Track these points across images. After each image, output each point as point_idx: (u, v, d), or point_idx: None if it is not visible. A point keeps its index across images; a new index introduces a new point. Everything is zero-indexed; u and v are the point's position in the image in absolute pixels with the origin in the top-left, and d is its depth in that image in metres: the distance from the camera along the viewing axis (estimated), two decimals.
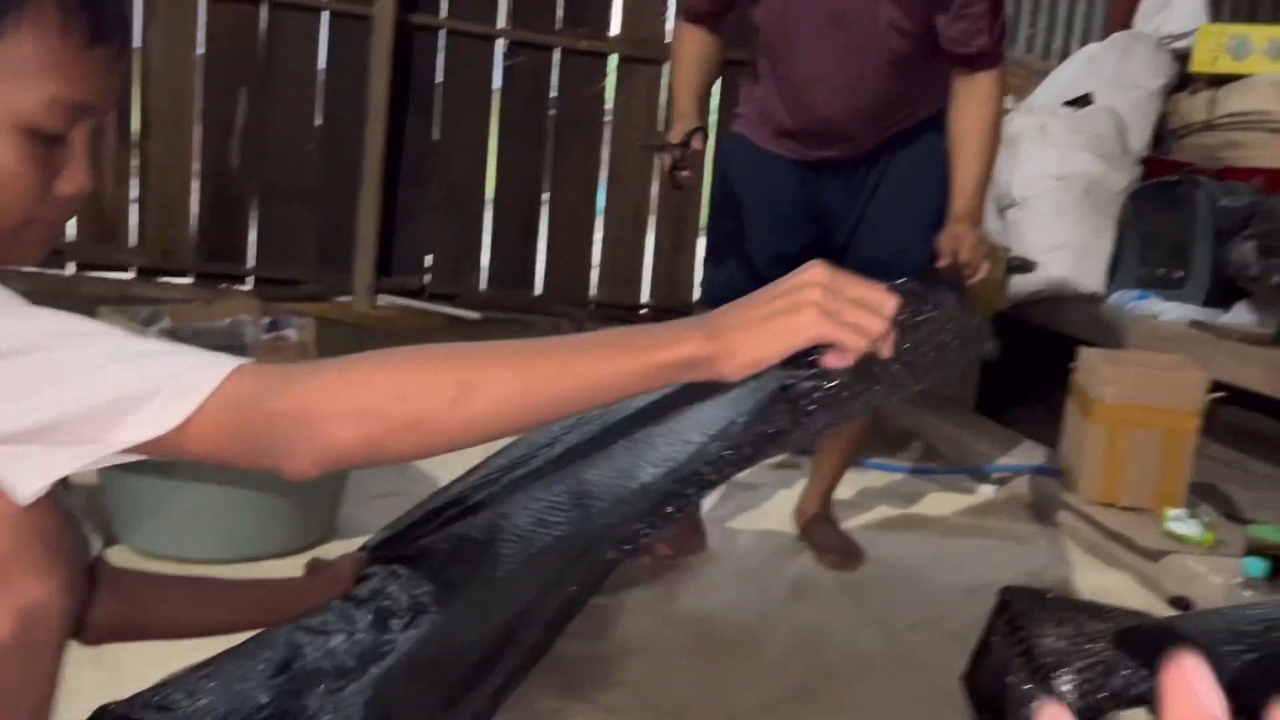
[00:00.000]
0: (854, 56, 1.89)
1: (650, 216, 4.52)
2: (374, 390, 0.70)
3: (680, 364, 0.73)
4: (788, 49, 1.94)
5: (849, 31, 1.87)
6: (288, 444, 0.69)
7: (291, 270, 4.21)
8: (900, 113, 1.99)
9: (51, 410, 0.67)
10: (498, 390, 0.71)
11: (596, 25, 4.35)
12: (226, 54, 4.08)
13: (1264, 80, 3.59)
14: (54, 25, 0.73)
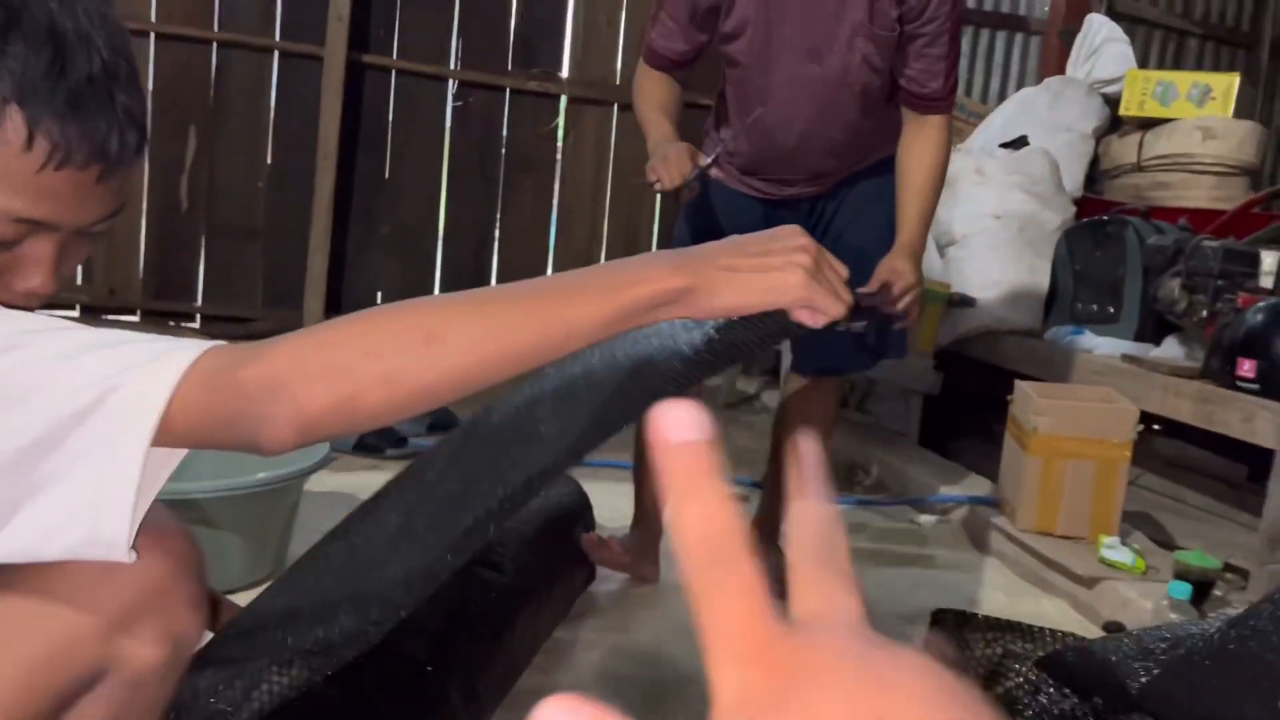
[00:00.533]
0: (828, 91, 1.95)
1: (600, 253, 4.58)
2: (343, 349, 0.69)
3: (651, 300, 0.72)
4: (764, 83, 1.99)
5: (825, 66, 1.94)
6: (263, 411, 0.68)
7: (239, 308, 4.19)
8: (863, 152, 2.06)
9: (41, 418, 0.67)
10: (466, 339, 0.70)
11: (547, 67, 4.41)
12: (176, 92, 4.08)
13: (1188, 124, 3.75)
14: (15, 143, 0.73)
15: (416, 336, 0.70)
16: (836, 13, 1.90)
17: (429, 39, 4.28)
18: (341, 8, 3.99)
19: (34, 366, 0.68)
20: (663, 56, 2.01)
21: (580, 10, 4.41)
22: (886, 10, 1.90)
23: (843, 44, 1.92)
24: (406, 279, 4.40)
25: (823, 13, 1.90)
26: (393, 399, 0.70)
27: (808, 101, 1.98)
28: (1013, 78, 4.80)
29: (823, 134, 2.01)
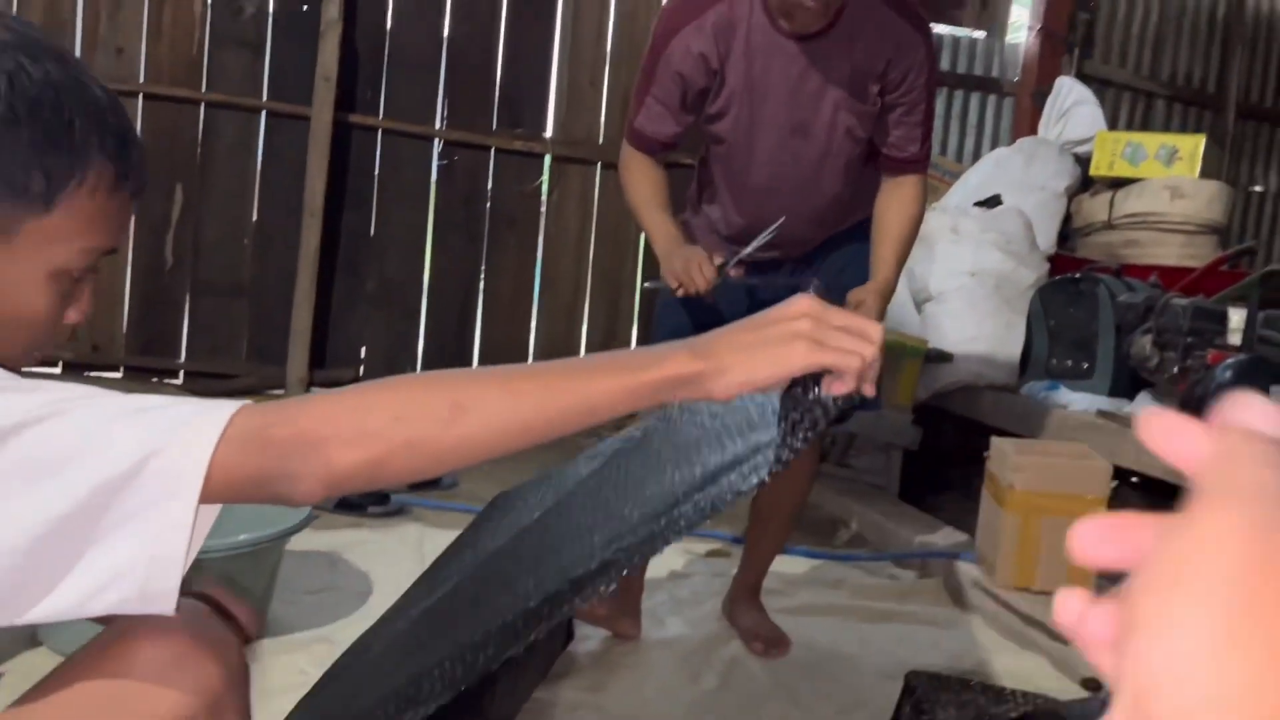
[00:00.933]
0: (813, 164, 2.01)
1: (584, 308, 4.62)
2: (373, 413, 0.74)
3: (668, 381, 0.76)
4: (749, 159, 2.05)
5: (810, 140, 1.99)
6: (295, 467, 0.72)
7: (223, 364, 4.20)
8: (844, 216, 2.12)
9: (84, 484, 0.70)
10: (490, 409, 0.74)
11: (531, 126, 4.49)
12: (163, 152, 4.13)
13: (1157, 184, 3.85)
14: (105, 189, 0.80)
15: (443, 405, 0.74)
16: (819, 90, 1.96)
17: (415, 99, 4.35)
18: (329, 69, 4.06)
19: (72, 434, 0.71)
20: (652, 140, 2.04)
21: (564, 71, 4.50)
22: (867, 84, 1.97)
23: (826, 119, 1.98)
24: (391, 334, 4.43)
25: (806, 90, 1.96)
26: (417, 462, 0.74)
27: (793, 175, 2.03)
28: (987, 137, 4.92)
29: (807, 204, 2.06)
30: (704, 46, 1.94)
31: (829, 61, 1.93)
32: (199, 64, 4.14)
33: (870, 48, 1.94)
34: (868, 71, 1.95)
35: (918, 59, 1.97)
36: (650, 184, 2.05)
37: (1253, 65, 5.16)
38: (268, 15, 4.18)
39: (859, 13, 1.92)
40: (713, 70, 1.97)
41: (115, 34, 4.07)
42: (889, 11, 1.95)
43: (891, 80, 1.96)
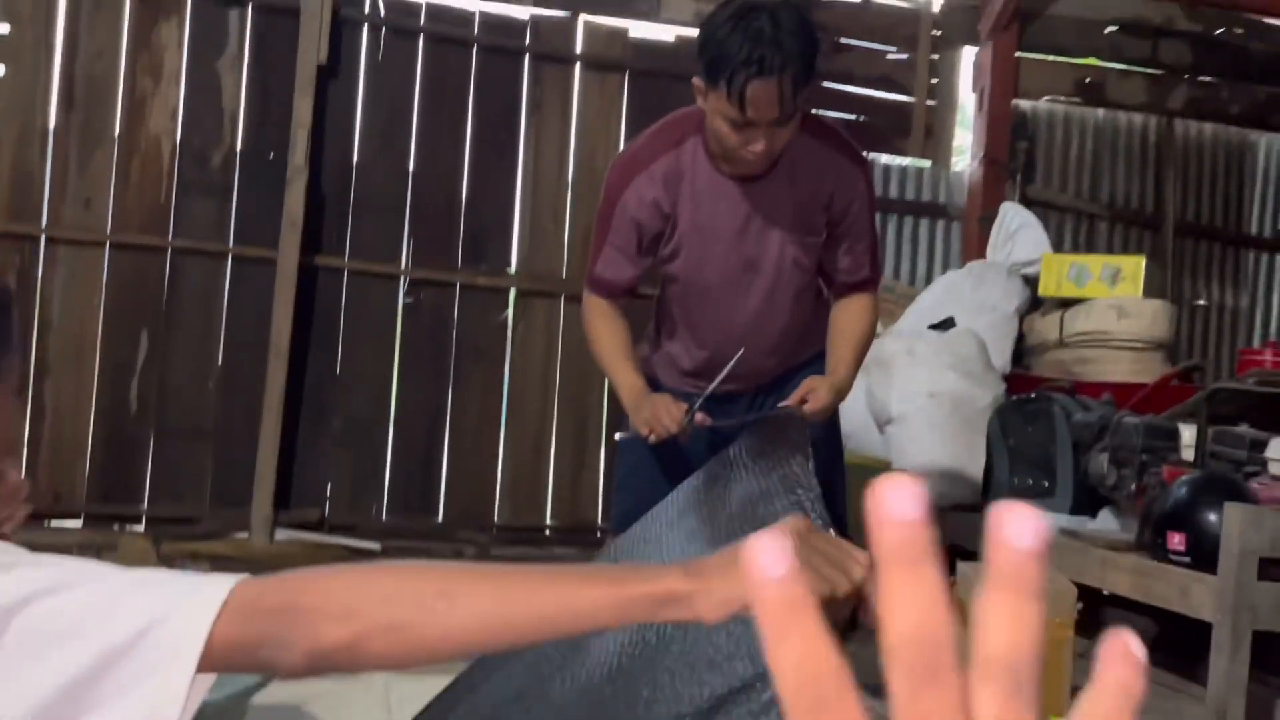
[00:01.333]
0: (764, 295, 2.10)
1: (551, 438, 4.64)
2: (363, 590, 0.76)
3: (657, 598, 0.76)
4: (704, 296, 2.12)
5: (760, 274, 2.07)
6: (283, 635, 0.74)
7: (187, 508, 4.15)
8: (800, 347, 2.19)
9: (86, 656, 0.72)
10: (476, 603, 0.76)
11: (496, 262, 4.59)
12: (129, 298, 4.17)
13: (1103, 303, 3.97)
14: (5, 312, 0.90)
15: (432, 593, 0.76)
16: (765, 227, 2.05)
17: (381, 240, 4.44)
18: (295, 214, 4.15)
19: (77, 607, 0.73)
20: (613, 285, 2.12)
21: (527, 209, 4.62)
22: (812, 217, 2.06)
23: (774, 254, 2.06)
24: (357, 472, 4.41)
25: (752, 228, 2.05)
26: (398, 648, 0.76)
27: (746, 307, 2.10)
28: (937, 261, 5.07)
29: (762, 335, 2.13)
30: (656, 193, 2.03)
31: (773, 200, 2.03)
32: (166, 212, 4.22)
33: (812, 184, 2.03)
34: (813, 205, 2.05)
35: (858, 190, 2.07)
36: (613, 335, 2.12)
37: (1186, 185, 5.40)
38: (235, 163, 4.29)
39: (799, 152, 2.01)
40: (665, 214, 2.05)
41: (84, 186, 4.15)
42: (828, 149, 2.05)
43: (836, 212, 2.06)
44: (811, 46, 1.86)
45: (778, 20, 1.81)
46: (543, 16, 4.61)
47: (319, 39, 4.20)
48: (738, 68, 1.79)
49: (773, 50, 1.78)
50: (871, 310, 2.15)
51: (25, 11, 4.09)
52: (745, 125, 1.85)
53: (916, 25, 5.02)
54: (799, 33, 1.82)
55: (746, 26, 1.80)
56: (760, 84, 1.79)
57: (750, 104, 1.81)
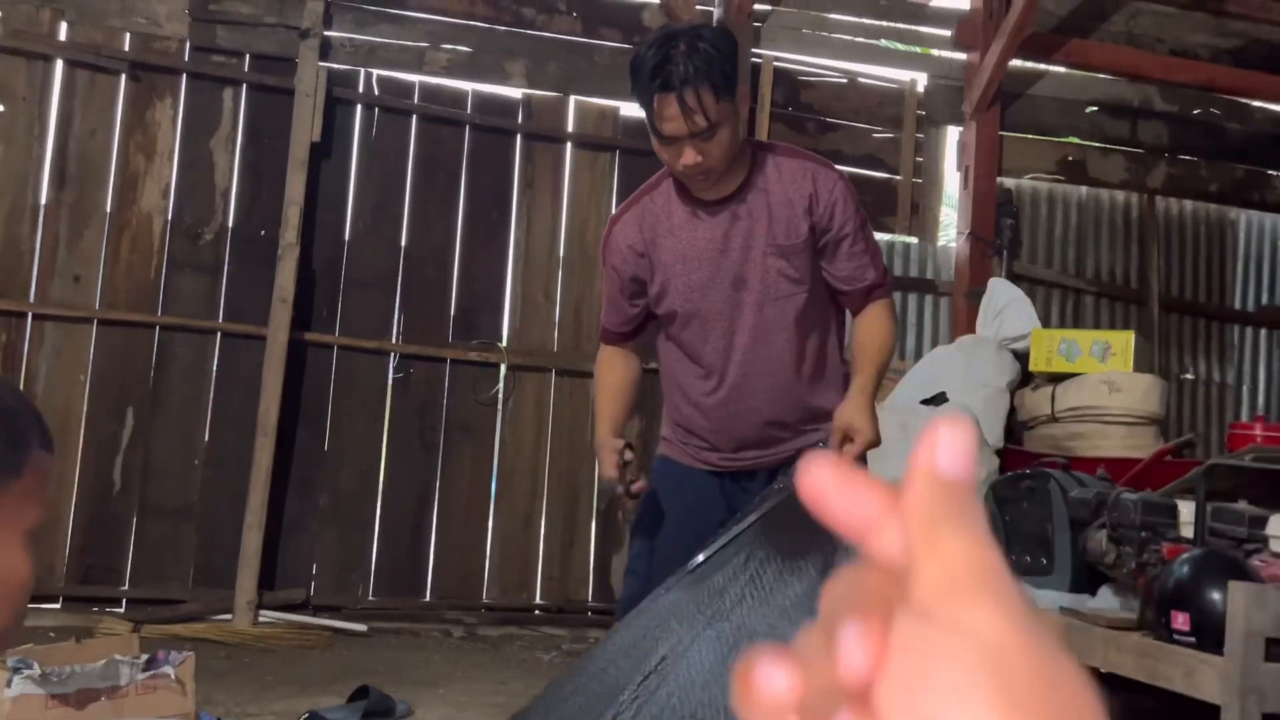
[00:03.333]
0: (756, 310, 2.06)
1: (541, 514, 4.58)
2: None
3: None
4: (700, 324, 2.10)
5: (749, 289, 2.06)
6: None
7: (169, 589, 4.06)
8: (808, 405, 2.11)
9: None
10: None
11: (487, 337, 4.58)
12: (115, 375, 4.13)
13: (1094, 378, 3.98)
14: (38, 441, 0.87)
15: None
16: (744, 241, 2.04)
17: (372, 316, 4.43)
18: (286, 290, 4.14)
19: None
20: (609, 331, 2.19)
21: (518, 286, 4.63)
22: (792, 223, 2.03)
23: (757, 264, 2.05)
24: (344, 550, 4.34)
25: (733, 245, 2.05)
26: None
27: (742, 325, 2.07)
28: (927, 335, 5.09)
29: (765, 354, 2.08)
30: (630, 238, 2.09)
31: (748, 215, 2.04)
32: (156, 288, 4.20)
33: (787, 190, 2.04)
34: (791, 212, 2.04)
35: (838, 189, 2.05)
36: (608, 371, 2.16)
37: (1169, 261, 5.47)
38: (226, 240, 4.29)
39: (769, 169, 2.05)
40: (640, 254, 2.09)
41: (73, 262, 4.13)
42: (797, 160, 2.08)
43: (820, 213, 2.04)
44: (725, 59, 1.91)
45: (692, 39, 1.90)
46: (535, 96, 4.68)
47: (313, 117, 4.24)
48: (646, 84, 1.89)
49: (679, 65, 1.87)
50: (891, 316, 2.11)
51: (20, 90, 4.12)
52: (670, 140, 1.91)
53: (902, 105, 5.11)
54: (712, 48, 1.90)
55: (659, 48, 1.90)
56: (665, 97, 1.87)
57: (660, 118, 1.89)
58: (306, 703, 2.95)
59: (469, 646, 4.07)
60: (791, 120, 4.98)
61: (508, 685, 3.47)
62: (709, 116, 1.89)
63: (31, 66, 4.14)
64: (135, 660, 2.28)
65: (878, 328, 2.08)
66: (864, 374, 2.02)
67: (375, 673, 3.39)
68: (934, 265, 5.15)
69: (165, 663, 2.29)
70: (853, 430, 1.92)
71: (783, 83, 4.94)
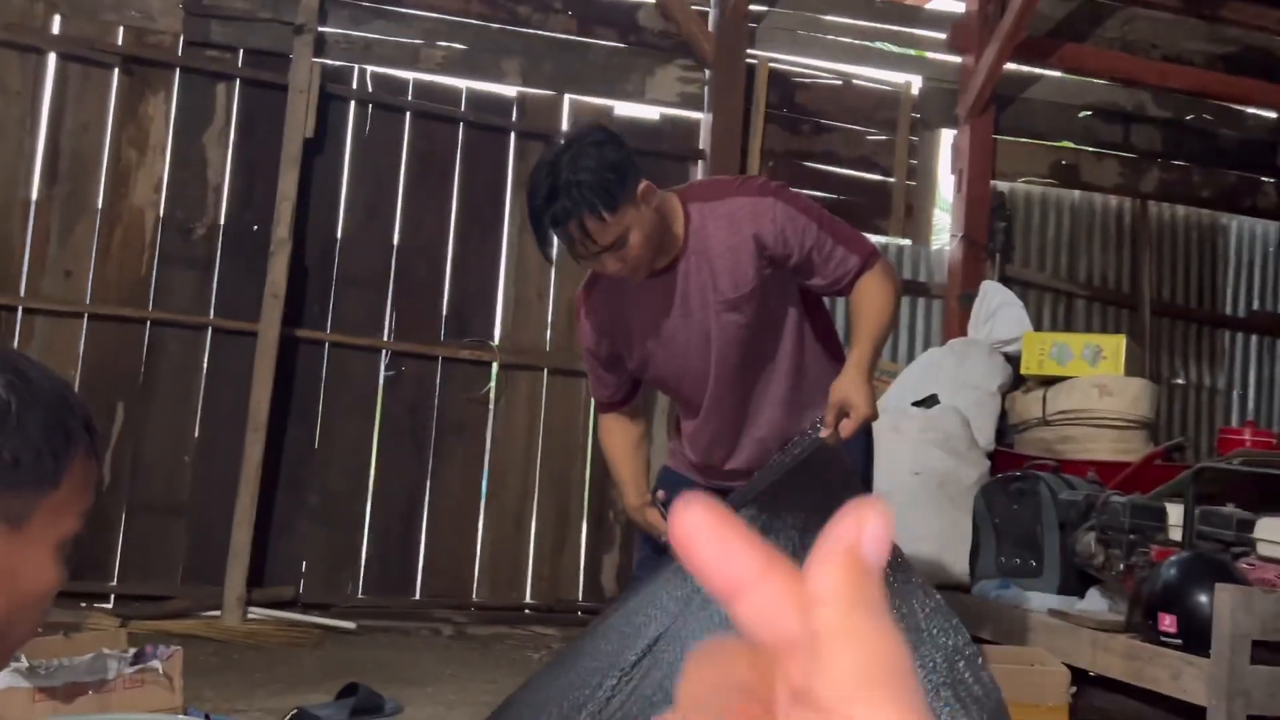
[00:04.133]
0: (720, 363, 2.06)
1: (532, 513, 4.57)
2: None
3: None
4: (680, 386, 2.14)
5: (711, 344, 2.05)
6: None
7: (157, 585, 4.05)
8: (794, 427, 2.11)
9: None
10: None
11: (479, 336, 4.57)
12: (105, 371, 4.11)
13: (1085, 382, 3.99)
14: (84, 451, 0.86)
15: None
16: (699, 300, 2.04)
17: (363, 313, 4.42)
18: (278, 286, 4.13)
19: None
20: (603, 404, 2.25)
21: (510, 283, 4.62)
22: (733, 271, 2.00)
23: (711, 321, 2.04)
24: (333, 548, 4.32)
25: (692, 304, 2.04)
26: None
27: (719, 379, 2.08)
28: (919, 338, 5.10)
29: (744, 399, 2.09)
30: (596, 320, 2.13)
31: (697, 273, 2.02)
32: (147, 283, 4.19)
33: (725, 241, 2.01)
34: (734, 261, 2.00)
35: (778, 211, 1.99)
36: (613, 440, 2.22)
37: (1161, 266, 5.49)
38: (218, 235, 4.28)
39: (702, 223, 2.01)
40: (609, 333, 2.11)
41: (64, 257, 4.12)
42: (724, 203, 2.03)
43: (775, 247, 1.99)
44: (607, 175, 1.86)
45: (573, 163, 1.86)
46: (529, 94, 4.67)
47: (306, 113, 4.23)
48: (538, 221, 1.91)
49: (562, 201, 1.85)
50: (880, 280, 2.03)
51: (13, 84, 4.11)
52: (582, 259, 1.95)
53: (896, 108, 5.12)
54: (591, 171, 1.85)
55: (543, 179, 1.88)
56: (561, 230, 1.89)
57: (567, 247, 1.93)
58: (295, 699, 2.94)
59: (459, 645, 4.06)
60: (786, 122, 4.98)
61: (498, 684, 3.46)
62: (605, 238, 1.88)
63: (24, 60, 4.12)
64: (123, 655, 2.27)
65: (872, 296, 2.03)
66: (860, 347, 1.98)
67: (364, 671, 3.38)
68: (927, 268, 5.16)
69: (153, 657, 2.28)
70: (849, 405, 1.88)
71: (778, 84, 4.94)
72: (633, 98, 4.77)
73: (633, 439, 2.20)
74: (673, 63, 4.78)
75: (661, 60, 4.77)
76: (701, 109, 4.83)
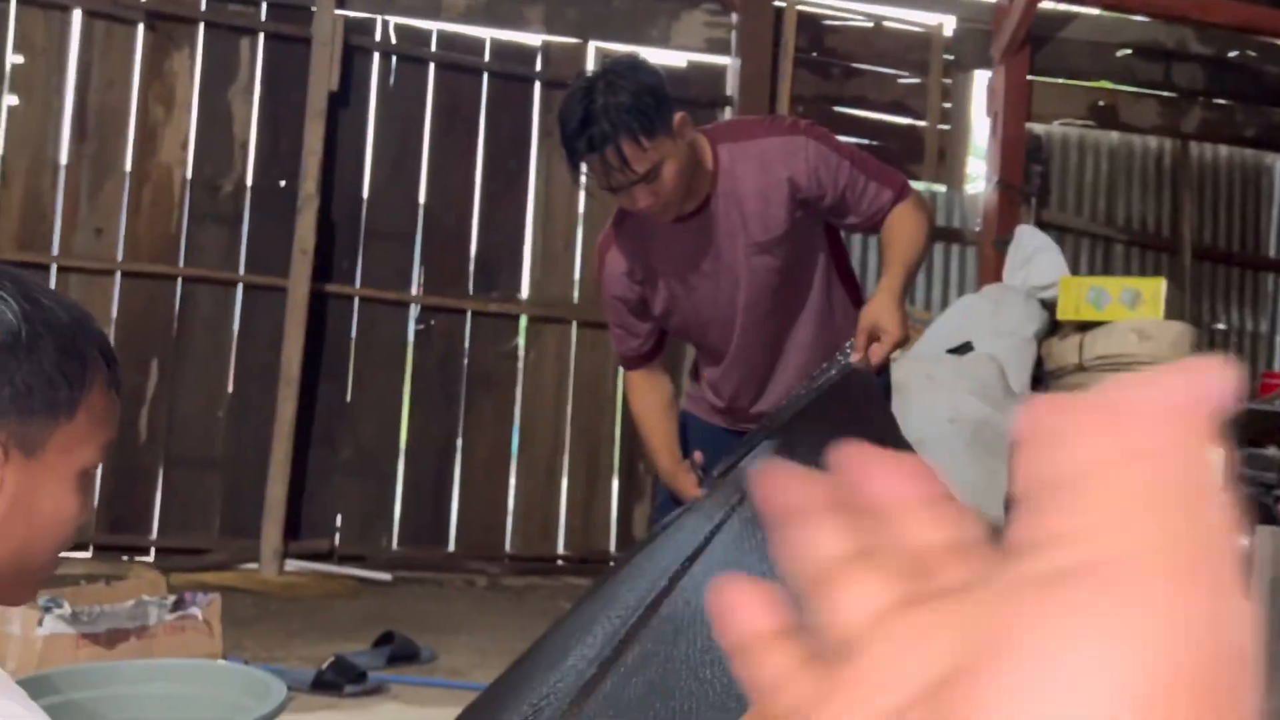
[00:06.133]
0: (748, 310, 2.01)
1: (563, 465, 4.59)
2: None
3: None
4: (706, 333, 2.09)
5: (739, 290, 2.00)
6: None
7: (196, 538, 4.11)
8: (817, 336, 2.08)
9: None
10: None
11: (507, 289, 4.56)
12: (140, 327, 4.14)
13: (1123, 326, 3.91)
14: (103, 382, 0.86)
15: None
16: (728, 245, 1.98)
17: (391, 268, 4.42)
18: (306, 242, 4.13)
19: None
20: (633, 358, 2.14)
21: (538, 236, 4.60)
22: (763, 214, 1.95)
23: (742, 266, 1.99)
24: (366, 501, 4.36)
25: (723, 249, 1.98)
26: None
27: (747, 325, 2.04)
28: (953, 285, 5.02)
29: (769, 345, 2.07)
30: (624, 265, 2.04)
31: (725, 217, 1.97)
32: (177, 240, 4.21)
33: (756, 183, 1.95)
34: (764, 204, 1.96)
35: (810, 151, 1.94)
36: (647, 410, 2.14)
37: (1203, 208, 5.36)
38: (245, 191, 4.28)
39: (731, 164, 1.95)
40: (639, 282, 2.05)
41: (95, 215, 4.14)
42: (755, 142, 1.97)
43: (809, 188, 1.94)
44: (645, 99, 1.81)
45: (608, 88, 1.80)
46: (554, 43, 4.61)
47: (330, 67, 4.20)
48: (573, 148, 1.83)
49: (599, 124, 1.79)
50: (913, 211, 1.97)
51: (39, 42, 4.11)
52: (616, 191, 1.86)
53: (928, 49, 5.01)
54: (629, 94, 1.80)
55: (577, 104, 1.82)
56: (593, 158, 1.82)
57: (597, 176, 1.85)
58: (332, 648, 2.98)
59: (492, 595, 4.10)
60: (815, 66, 4.89)
61: (531, 632, 3.48)
62: (641, 165, 1.81)
63: (49, 17, 4.12)
64: (163, 602, 2.31)
65: (905, 224, 1.97)
66: (891, 271, 1.92)
67: (400, 621, 3.42)
68: (961, 213, 5.07)
69: (192, 604, 2.32)
70: (879, 329, 1.82)
71: (807, 27, 4.84)
72: (658, 44, 4.69)
73: (663, 401, 2.13)
74: (699, 7, 4.70)
75: (687, 5, 4.69)
76: (729, 54, 4.74)
